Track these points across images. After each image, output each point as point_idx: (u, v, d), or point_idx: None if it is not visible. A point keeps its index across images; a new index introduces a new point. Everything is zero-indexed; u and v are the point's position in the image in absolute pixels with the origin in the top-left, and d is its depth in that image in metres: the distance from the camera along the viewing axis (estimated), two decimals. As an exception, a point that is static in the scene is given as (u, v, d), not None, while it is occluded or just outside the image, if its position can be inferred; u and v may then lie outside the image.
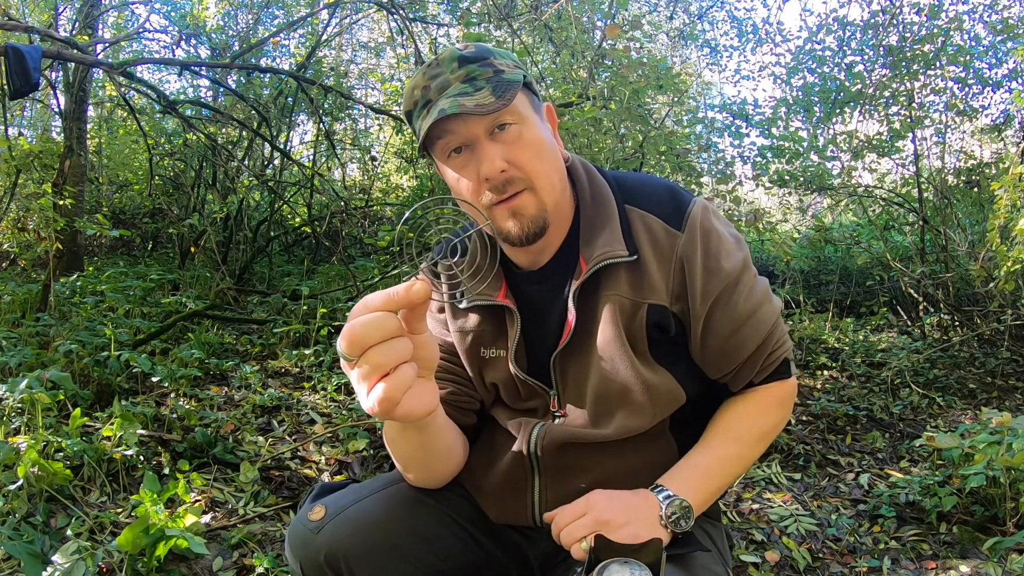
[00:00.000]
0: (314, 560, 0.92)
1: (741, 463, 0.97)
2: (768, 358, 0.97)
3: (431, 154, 0.95)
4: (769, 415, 1.00)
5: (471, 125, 0.88)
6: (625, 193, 0.99)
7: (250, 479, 2.11)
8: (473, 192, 0.91)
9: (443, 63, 0.90)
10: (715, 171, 4.61)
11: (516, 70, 0.91)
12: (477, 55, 0.90)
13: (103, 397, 2.64)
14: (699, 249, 0.93)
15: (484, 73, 0.89)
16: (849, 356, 4.01)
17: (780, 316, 0.99)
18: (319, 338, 3.70)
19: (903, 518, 2.11)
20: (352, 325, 0.63)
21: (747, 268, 0.96)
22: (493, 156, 0.88)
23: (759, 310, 0.96)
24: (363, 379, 0.65)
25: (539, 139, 0.92)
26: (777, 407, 1.00)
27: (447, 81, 0.89)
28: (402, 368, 0.65)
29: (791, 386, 1.01)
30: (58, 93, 5.98)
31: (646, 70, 3.45)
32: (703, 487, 0.93)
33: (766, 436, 1.00)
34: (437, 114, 0.85)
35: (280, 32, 6.11)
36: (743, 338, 0.95)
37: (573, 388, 0.98)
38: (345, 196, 7.01)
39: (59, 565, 1.44)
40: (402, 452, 0.96)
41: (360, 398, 0.66)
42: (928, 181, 4.44)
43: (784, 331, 1.00)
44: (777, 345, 0.98)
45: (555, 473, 1.00)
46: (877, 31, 4.41)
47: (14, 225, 6.00)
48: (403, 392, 0.65)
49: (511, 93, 0.87)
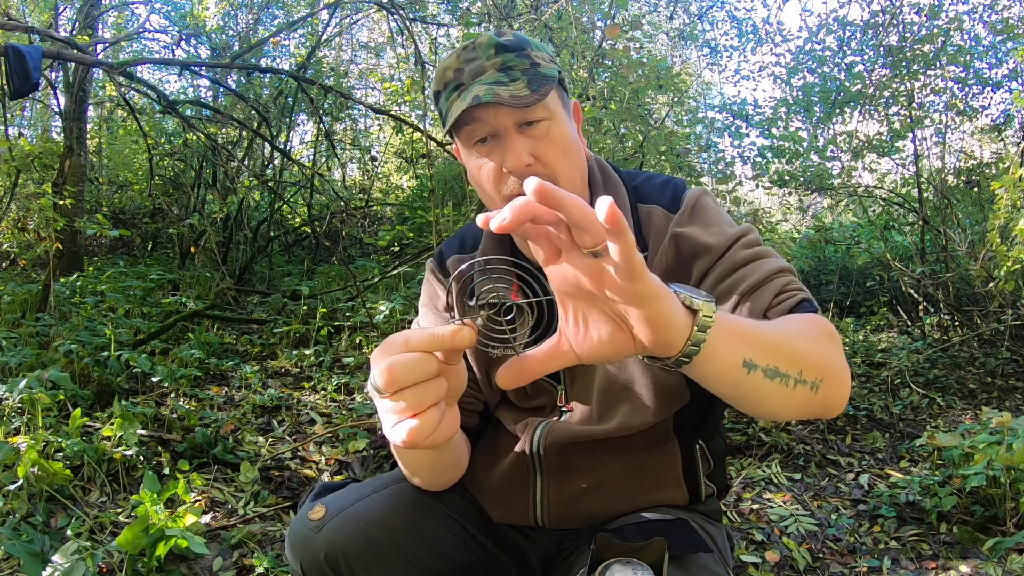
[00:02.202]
0: (314, 559, 0.92)
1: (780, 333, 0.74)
2: (778, 296, 0.84)
3: (455, 137, 0.94)
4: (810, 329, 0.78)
5: (501, 116, 0.87)
6: (635, 190, 1.00)
7: (250, 479, 2.11)
8: (494, 181, 0.90)
9: (479, 48, 0.89)
10: (715, 171, 4.62)
11: (551, 64, 0.91)
12: (515, 44, 0.89)
13: (103, 397, 2.64)
14: (693, 222, 0.93)
15: (521, 64, 0.88)
16: (849, 356, 4.01)
17: (792, 271, 0.89)
18: (319, 338, 3.70)
19: (903, 518, 2.11)
20: (392, 364, 0.61)
21: (750, 232, 0.92)
22: (520, 150, 0.87)
23: (761, 257, 0.89)
24: (393, 412, 0.64)
25: (566, 137, 0.91)
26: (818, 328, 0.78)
27: (482, 67, 0.88)
28: (434, 408, 0.64)
29: (826, 320, 0.81)
30: (58, 93, 5.98)
31: (646, 70, 3.45)
32: (727, 321, 0.66)
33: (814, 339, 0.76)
34: (471, 100, 0.84)
35: (280, 32, 6.11)
36: (741, 276, 0.87)
37: (581, 383, 0.99)
38: (345, 196, 7.01)
39: (59, 565, 1.44)
40: (410, 463, 0.96)
41: (385, 426, 0.66)
42: (928, 181, 4.44)
43: (797, 282, 0.88)
44: (788, 286, 0.86)
45: (557, 473, 1.00)
46: (877, 31, 4.41)
47: (14, 225, 6.00)
48: (430, 432, 0.64)
49: (546, 88, 0.86)
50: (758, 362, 0.67)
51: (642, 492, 0.99)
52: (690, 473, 1.02)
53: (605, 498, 0.99)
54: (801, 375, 0.70)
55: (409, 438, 0.63)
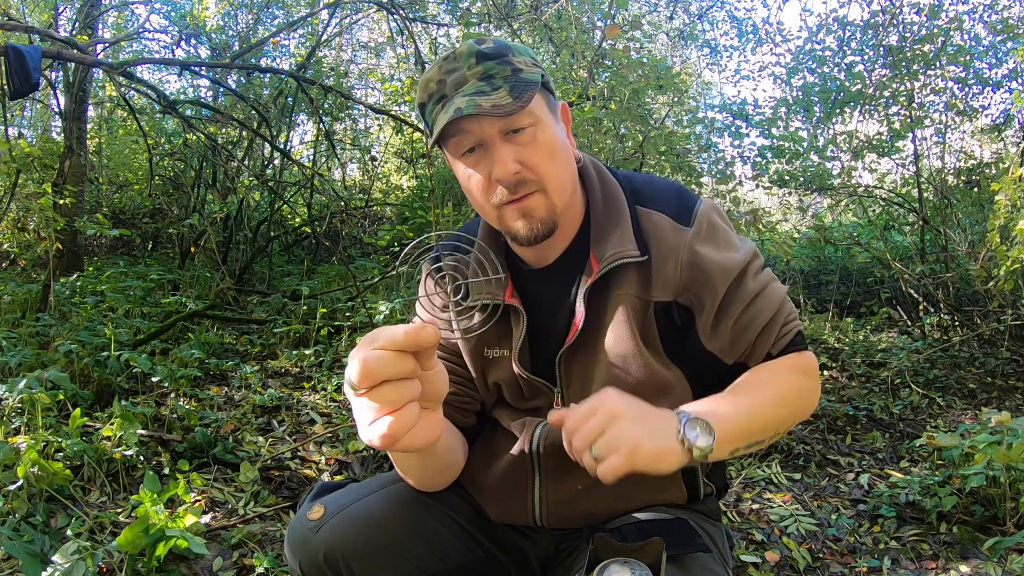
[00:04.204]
0: (313, 559, 0.92)
1: (763, 416, 0.86)
2: (782, 329, 0.95)
3: (443, 149, 0.94)
4: (795, 376, 0.93)
5: (485, 126, 0.87)
6: (635, 193, 1.00)
7: (250, 479, 2.11)
8: (483, 191, 0.91)
9: (460, 58, 0.89)
10: (715, 171, 4.61)
11: (534, 69, 0.90)
12: (495, 52, 0.89)
13: (103, 397, 2.64)
14: (709, 242, 0.94)
15: (502, 71, 0.87)
16: (849, 356, 4.01)
17: (788, 297, 0.98)
18: (319, 338, 3.70)
19: (903, 518, 2.11)
20: (367, 359, 0.62)
21: (756, 256, 0.97)
22: (506, 159, 0.87)
23: (768, 287, 0.95)
24: (368, 410, 0.64)
25: (553, 141, 0.91)
26: (801, 373, 0.94)
27: (464, 77, 0.88)
28: (409, 406, 0.65)
29: (811, 358, 0.96)
30: (58, 93, 5.98)
31: (646, 70, 3.45)
32: (725, 420, 0.80)
33: (791, 397, 0.91)
34: (453, 113, 0.84)
35: (280, 32, 6.11)
36: (756, 310, 0.93)
37: (578, 386, 0.98)
38: (345, 196, 7.02)
39: (59, 565, 1.44)
40: (400, 465, 0.97)
41: (360, 426, 0.66)
42: (928, 181, 4.44)
43: (794, 309, 0.98)
44: (789, 318, 0.96)
45: (556, 473, 1.00)
46: (877, 31, 4.41)
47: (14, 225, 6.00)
48: (406, 431, 0.64)
49: (529, 94, 0.85)
50: (741, 446, 0.83)
51: (641, 491, 0.99)
52: (689, 472, 1.02)
53: (604, 498, 0.99)
54: (776, 434, 0.88)
55: (384, 437, 0.63)
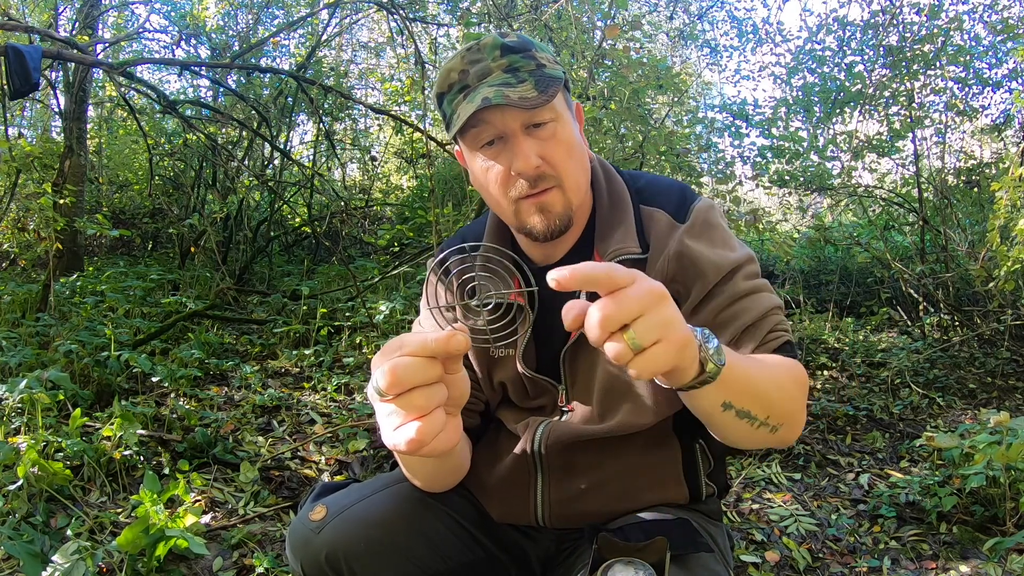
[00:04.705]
0: (315, 560, 0.92)
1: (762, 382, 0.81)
2: (769, 335, 0.90)
3: (460, 140, 0.94)
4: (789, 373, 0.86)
5: (508, 118, 0.87)
6: (639, 192, 1.00)
7: (250, 479, 2.11)
8: (501, 183, 0.91)
9: (484, 49, 0.89)
10: (715, 171, 4.61)
11: (556, 66, 0.91)
12: (520, 46, 0.89)
13: (103, 397, 2.64)
14: (702, 238, 0.94)
15: (527, 65, 0.88)
16: (849, 356, 4.01)
17: (782, 309, 0.95)
18: (319, 338, 3.70)
19: (903, 518, 2.11)
20: (396, 366, 0.62)
21: (752, 261, 0.96)
22: (528, 152, 0.87)
23: (760, 292, 0.93)
24: (395, 416, 0.64)
25: (571, 138, 0.91)
26: (795, 378, 0.87)
27: (488, 68, 0.88)
28: (436, 412, 0.65)
29: (801, 367, 0.90)
30: (58, 93, 5.98)
31: (646, 70, 3.45)
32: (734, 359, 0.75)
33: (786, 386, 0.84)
34: (480, 102, 0.84)
35: (280, 32, 6.12)
36: (742, 308, 0.91)
37: (582, 382, 0.99)
38: (345, 196, 7.02)
39: (59, 565, 1.44)
40: (410, 467, 0.96)
41: (385, 431, 0.66)
42: (928, 181, 4.44)
43: (785, 321, 0.94)
44: (779, 326, 0.91)
45: (558, 472, 1.00)
46: (877, 31, 4.41)
47: (14, 225, 6.00)
48: (433, 436, 0.64)
49: (553, 89, 0.86)
50: (735, 404, 0.77)
51: (643, 491, 1.00)
52: (691, 472, 1.02)
53: (606, 497, 0.99)
54: (767, 420, 0.81)
55: (411, 443, 0.63)
